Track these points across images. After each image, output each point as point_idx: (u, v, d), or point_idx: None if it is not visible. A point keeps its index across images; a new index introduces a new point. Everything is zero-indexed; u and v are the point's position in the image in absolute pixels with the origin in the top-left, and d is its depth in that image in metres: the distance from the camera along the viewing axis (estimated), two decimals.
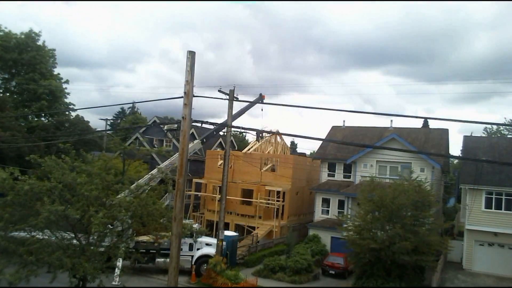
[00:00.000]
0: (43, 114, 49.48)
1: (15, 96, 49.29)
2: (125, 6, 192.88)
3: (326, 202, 35.63)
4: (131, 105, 78.34)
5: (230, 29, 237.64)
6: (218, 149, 48.73)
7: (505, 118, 68.82)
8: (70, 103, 54.52)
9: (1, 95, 44.98)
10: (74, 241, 14.43)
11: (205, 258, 24.38)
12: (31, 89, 47.48)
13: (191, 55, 11.73)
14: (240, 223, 36.67)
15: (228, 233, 27.46)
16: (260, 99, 38.04)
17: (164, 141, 47.50)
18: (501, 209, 27.36)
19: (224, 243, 25.13)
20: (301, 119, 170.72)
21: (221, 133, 43.96)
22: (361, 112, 10.62)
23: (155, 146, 45.73)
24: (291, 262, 25.69)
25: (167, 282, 12.05)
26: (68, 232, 14.47)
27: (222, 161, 32.33)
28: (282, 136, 45.77)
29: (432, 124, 55.43)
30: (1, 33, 47.84)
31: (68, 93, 53.87)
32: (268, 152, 43.20)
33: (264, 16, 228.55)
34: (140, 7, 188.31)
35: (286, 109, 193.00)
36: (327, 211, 35.30)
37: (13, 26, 67.50)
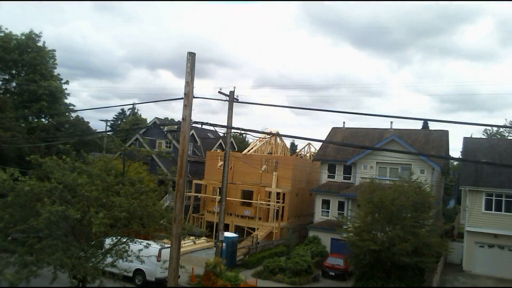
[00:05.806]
0: (43, 115, 49.52)
1: (15, 97, 49.31)
2: None
3: (326, 203, 35.62)
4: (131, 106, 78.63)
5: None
6: (218, 150, 48.78)
7: (505, 120, 68.91)
8: (70, 104, 54.65)
9: (2, 96, 44.97)
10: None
11: None
12: (31, 90, 47.50)
13: (191, 56, 11.73)
14: (240, 225, 36.68)
15: (228, 234, 27.50)
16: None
17: (164, 142, 47.54)
18: (501, 211, 27.36)
19: (224, 244, 25.11)
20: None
21: (221, 134, 43.96)
22: (359, 114, 10.65)
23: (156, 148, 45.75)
24: (291, 263, 25.67)
25: (168, 283, 12.06)
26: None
27: (222, 162, 32.32)
28: (282, 137, 45.82)
29: (435, 126, 55.25)
30: (1, 34, 47.90)
31: (68, 94, 54.04)
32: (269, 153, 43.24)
33: None
34: None
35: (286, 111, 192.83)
36: (327, 213, 35.31)
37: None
